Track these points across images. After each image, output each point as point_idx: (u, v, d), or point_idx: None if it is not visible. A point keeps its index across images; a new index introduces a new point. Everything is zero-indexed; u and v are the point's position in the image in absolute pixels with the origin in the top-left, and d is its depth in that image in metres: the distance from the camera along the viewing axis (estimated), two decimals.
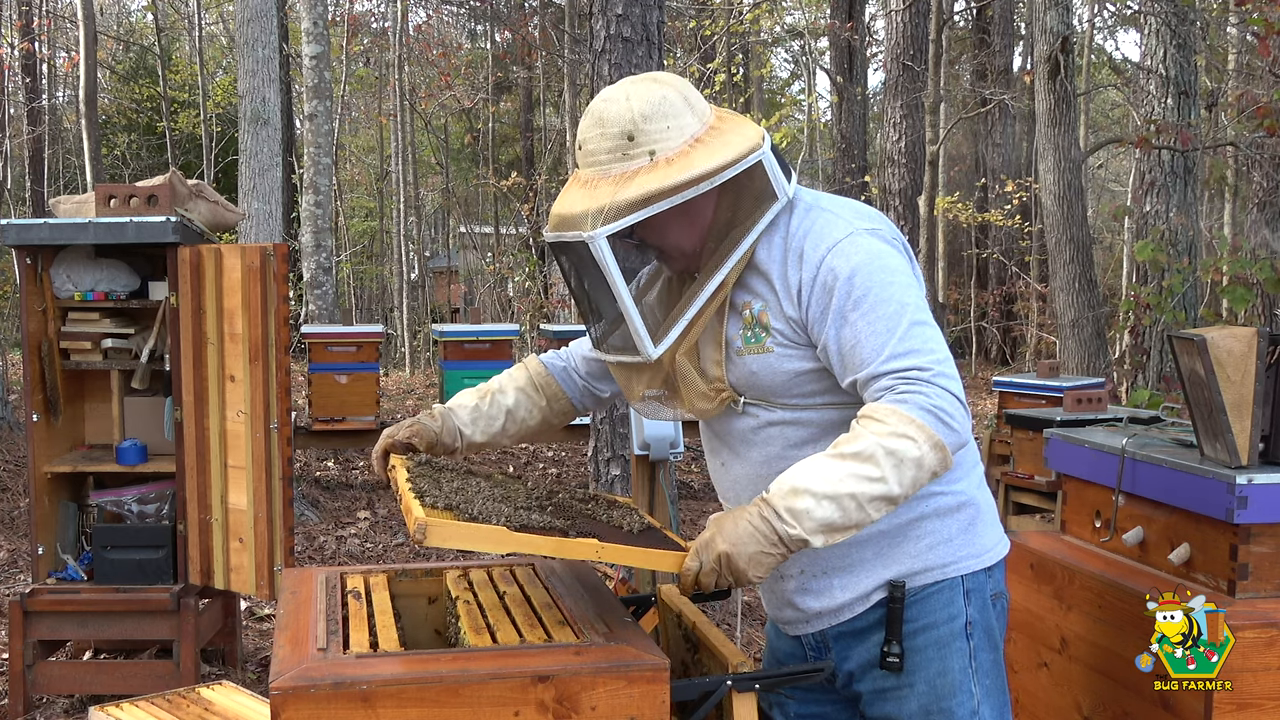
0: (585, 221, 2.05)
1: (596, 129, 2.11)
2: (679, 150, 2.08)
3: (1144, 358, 9.18)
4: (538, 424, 2.51)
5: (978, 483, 2.20)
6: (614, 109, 2.10)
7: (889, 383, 1.95)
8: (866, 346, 1.98)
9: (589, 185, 2.11)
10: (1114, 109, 25.89)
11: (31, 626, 4.39)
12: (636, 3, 5.32)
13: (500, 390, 2.48)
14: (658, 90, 2.10)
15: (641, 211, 2.03)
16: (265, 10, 7.77)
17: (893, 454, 1.90)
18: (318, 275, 10.34)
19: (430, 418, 2.42)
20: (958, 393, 1.95)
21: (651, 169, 2.06)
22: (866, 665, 2.15)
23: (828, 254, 2.04)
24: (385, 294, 24.14)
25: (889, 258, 2.04)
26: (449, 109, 22.11)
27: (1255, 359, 2.35)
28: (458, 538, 1.96)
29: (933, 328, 2.01)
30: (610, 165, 2.09)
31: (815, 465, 1.93)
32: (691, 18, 15.83)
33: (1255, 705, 2.27)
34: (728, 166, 2.06)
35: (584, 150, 2.14)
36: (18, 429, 8.62)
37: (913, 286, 2.04)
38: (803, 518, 1.90)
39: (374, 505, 7.96)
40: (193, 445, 4.40)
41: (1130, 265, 13.58)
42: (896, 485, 1.91)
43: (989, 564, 2.16)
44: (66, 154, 21.78)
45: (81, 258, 4.57)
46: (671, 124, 2.09)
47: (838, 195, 2.22)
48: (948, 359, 1.98)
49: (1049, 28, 9.87)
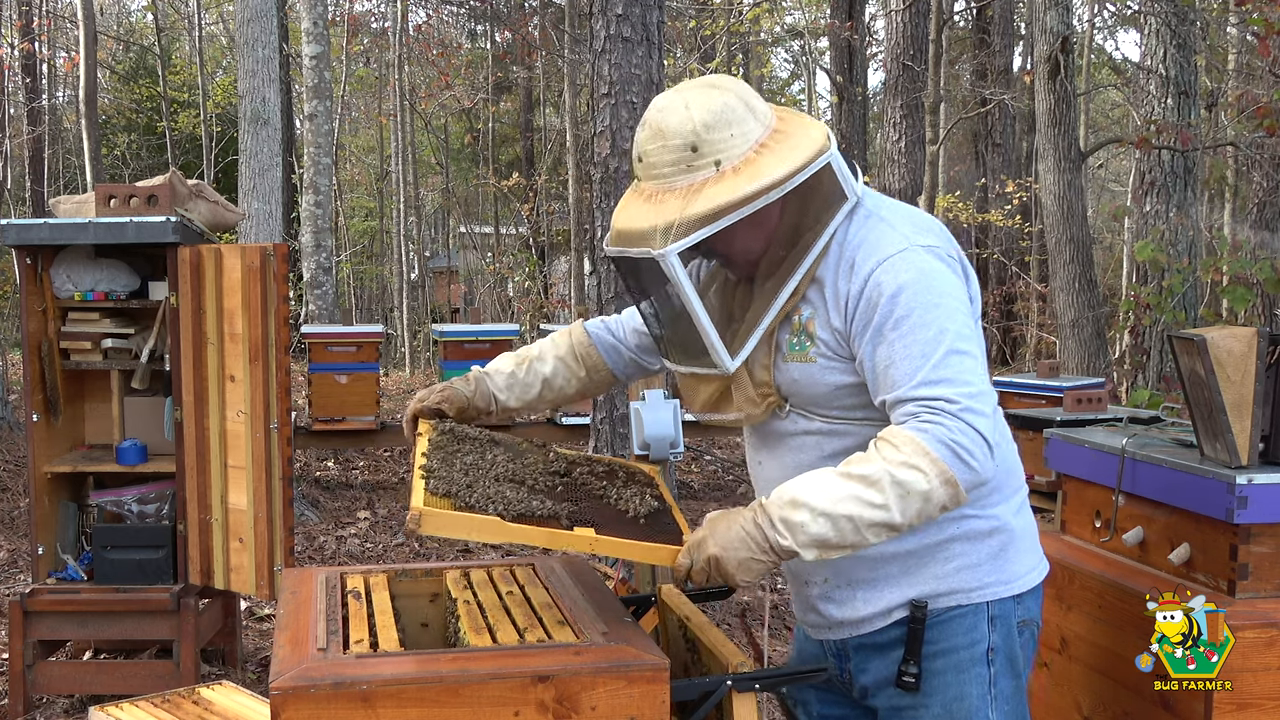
0: (654, 238, 1.99)
1: (657, 141, 2.04)
2: (745, 158, 2.02)
3: (1144, 358, 9.18)
4: (575, 393, 2.48)
5: (1016, 508, 2.15)
6: (674, 119, 2.03)
7: (914, 409, 1.91)
8: (900, 369, 1.94)
9: (653, 199, 2.05)
10: (1114, 109, 25.88)
11: (31, 626, 4.39)
12: (636, 3, 5.32)
13: (539, 358, 2.44)
14: (717, 97, 2.04)
15: (712, 226, 1.98)
16: (265, 10, 7.77)
17: (899, 484, 1.87)
18: (318, 275, 10.34)
19: (464, 382, 2.39)
20: (984, 430, 1.90)
21: (719, 180, 2.00)
22: (883, 681, 2.12)
23: (878, 268, 1.98)
24: (385, 294, 24.13)
25: (940, 278, 1.98)
26: (449, 109, 22.10)
27: (1255, 359, 2.35)
28: (452, 527, 1.96)
29: (973, 358, 1.95)
30: (675, 178, 2.03)
31: (819, 480, 1.91)
32: (691, 18, 15.82)
33: (1255, 705, 2.27)
34: (798, 172, 2.00)
35: (644, 163, 2.07)
36: (18, 429, 8.62)
37: (959, 312, 1.97)
38: (796, 530, 1.89)
39: (374, 505, 7.96)
40: (193, 445, 4.39)
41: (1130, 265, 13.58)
42: (899, 515, 1.88)
43: (1018, 591, 2.11)
44: (66, 154, 21.78)
45: (81, 258, 4.57)
46: (735, 131, 2.03)
47: (905, 206, 2.15)
48: (982, 393, 1.93)
49: (1049, 28, 9.87)
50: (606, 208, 5.40)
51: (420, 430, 2.31)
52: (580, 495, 2.18)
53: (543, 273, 19.39)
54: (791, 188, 2.00)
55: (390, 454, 9.54)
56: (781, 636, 5.54)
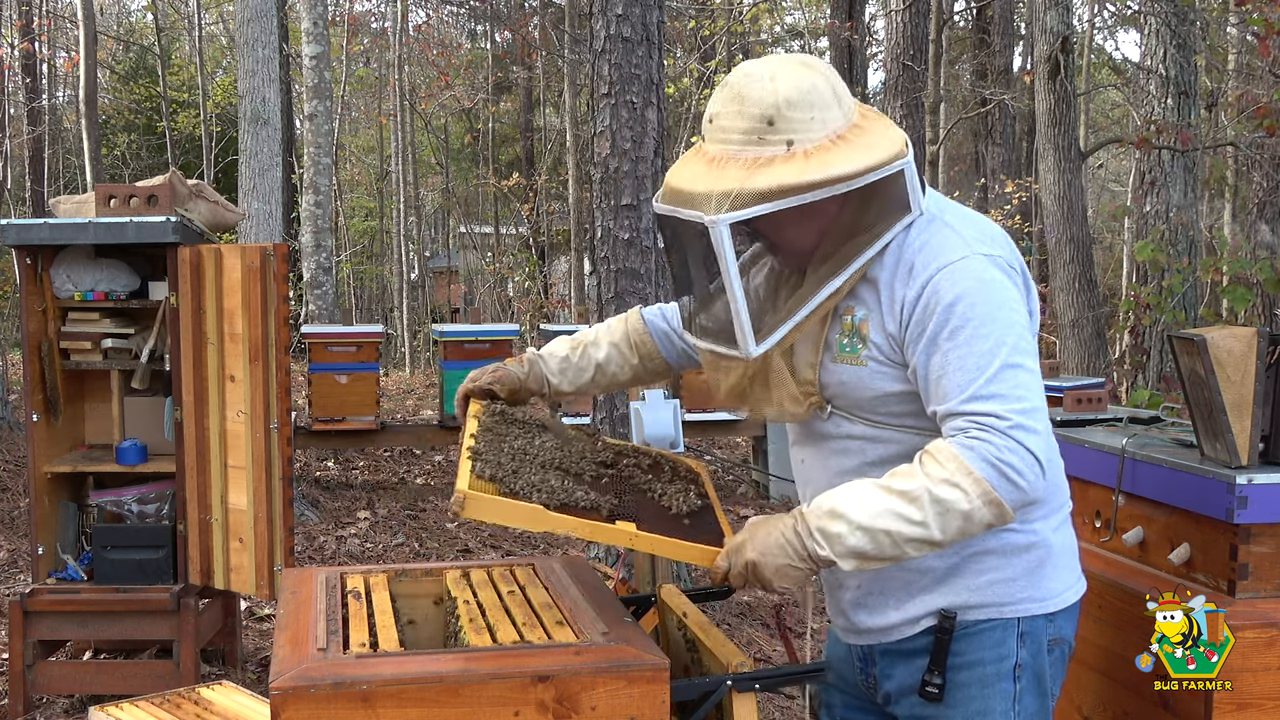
0: (709, 203, 1.92)
1: (734, 105, 1.97)
2: (818, 145, 1.95)
3: (1144, 358, 9.17)
4: (628, 379, 2.45)
5: (1057, 525, 2.10)
6: (757, 88, 1.96)
7: (963, 424, 1.88)
8: (952, 380, 1.90)
9: (715, 163, 1.98)
10: (1114, 109, 25.88)
11: (31, 626, 4.39)
12: (636, 3, 5.32)
13: (594, 343, 2.41)
14: (807, 76, 1.97)
15: (769, 204, 1.91)
16: (265, 10, 7.77)
17: (939, 502, 1.85)
18: (318, 275, 10.34)
19: (517, 364, 2.37)
20: (1035, 448, 1.86)
21: (787, 160, 1.93)
22: (907, 689, 2.10)
23: (937, 274, 1.93)
24: (385, 294, 24.13)
25: (1000, 289, 1.94)
26: (449, 109, 22.11)
27: (1255, 359, 2.35)
28: (494, 513, 1.95)
29: (1029, 372, 1.91)
30: (743, 148, 1.96)
31: (860, 492, 1.89)
32: (691, 18, 15.82)
33: (1255, 705, 2.27)
34: (868, 171, 1.94)
35: (715, 125, 2.00)
36: (18, 429, 8.62)
37: (1017, 324, 1.92)
38: (834, 541, 1.88)
39: (374, 505, 7.96)
40: (193, 445, 4.39)
41: (1130, 265, 13.58)
42: (938, 532, 1.86)
43: (1052, 610, 2.07)
44: (66, 154, 21.78)
45: (81, 258, 4.57)
46: (816, 115, 1.96)
47: (971, 212, 2.09)
48: (1036, 409, 1.88)
49: (1049, 28, 9.87)
50: (606, 208, 5.41)
51: (471, 410, 2.29)
52: (624, 488, 2.16)
53: (543, 273, 19.39)
54: (858, 186, 1.94)
55: (390, 454, 9.54)
56: None
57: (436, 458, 9.55)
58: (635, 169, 5.37)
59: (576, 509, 1.99)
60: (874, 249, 1.98)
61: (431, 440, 8.67)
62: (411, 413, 11.23)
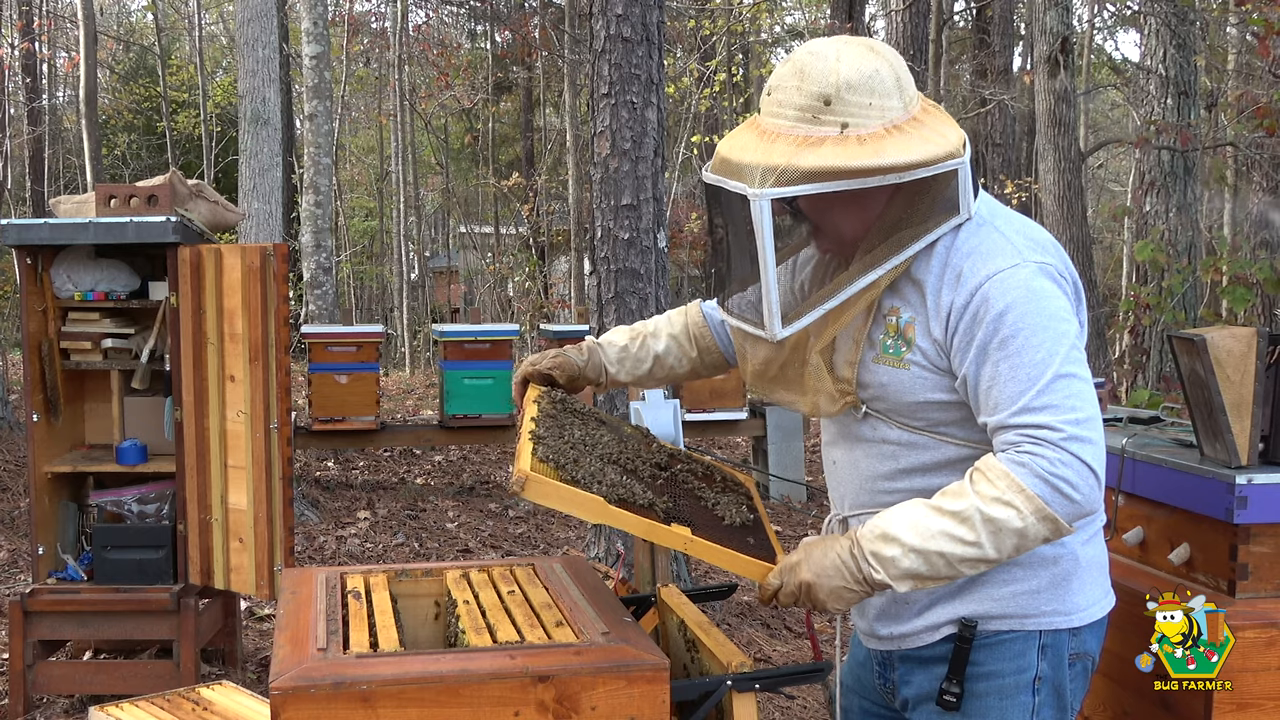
0: (754, 176, 1.89)
1: (794, 80, 1.94)
2: (873, 132, 1.91)
3: (1144, 358, 9.17)
4: (686, 373, 2.43)
5: (1087, 538, 2.06)
6: (819, 66, 1.93)
7: (1015, 438, 1.85)
8: (1004, 392, 1.86)
9: (766, 136, 1.95)
10: (1114, 109, 25.88)
11: (31, 626, 4.39)
12: (636, 3, 5.32)
13: (653, 334, 2.39)
14: (872, 61, 1.94)
15: (815, 185, 1.87)
16: (265, 10, 7.77)
17: (991, 521, 1.83)
18: (318, 275, 10.34)
19: (578, 351, 2.35)
20: (1090, 459, 1.83)
21: (840, 143, 1.89)
22: (925, 696, 2.08)
23: (986, 281, 1.89)
24: (385, 294, 24.13)
25: (1050, 299, 1.89)
26: (449, 109, 22.11)
27: (1255, 359, 2.35)
28: (555, 498, 1.95)
29: (1082, 380, 1.87)
30: (796, 124, 1.93)
31: (912, 514, 1.88)
32: (691, 18, 15.82)
33: (1255, 705, 2.27)
34: (921, 165, 1.90)
35: (772, 98, 1.97)
36: (18, 429, 8.62)
37: (1068, 334, 1.88)
38: (889, 565, 1.87)
39: (374, 505, 7.96)
40: (193, 445, 4.40)
41: (1130, 265, 13.58)
42: (993, 550, 1.85)
43: (1076, 624, 2.03)
44: (66, 154, 21.78)
45: (81, 258, 4.57)
46: (875, 102, 1.92)
47: (1024, 220, 2.04)
48: (1090, 419, 1.85)
49: (1049, 28, 9.87)
50: (606, 208, 5.41)
51: (530, 395, 2.27)
52: (679, 492, 2.16)
53: (543, 273, 19.38)
54: (907, 179, 1.90)
55: (390, 454, 9.55)
56: (782, 637, 5.54)
57: (436, 458, 9.55)
58: (635, 169, 5.37)
59: (634, 506, 1.99)
60: (917, 246, 1.94)
61: (431, 440, 8.67)
62: (411, 413, 11.23)
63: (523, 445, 2.03)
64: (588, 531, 5.60)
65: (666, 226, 5.66)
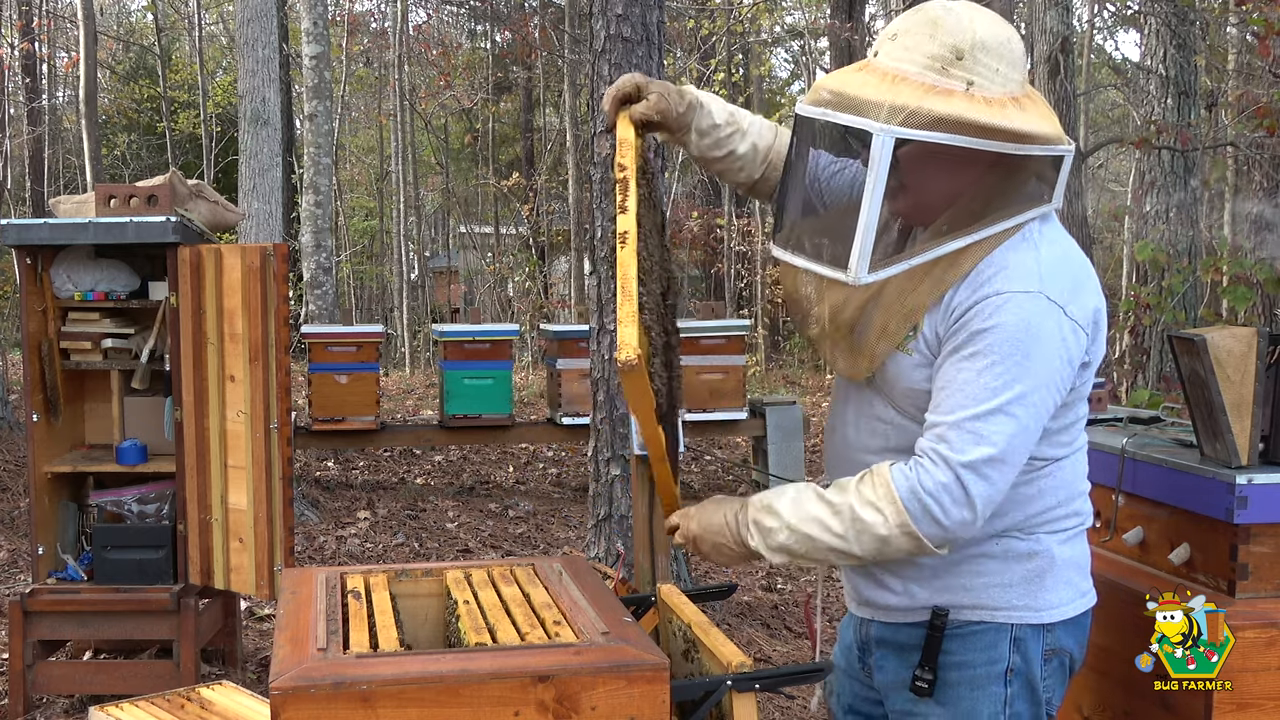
0: (881, 112, 1.87)
1: (926, 29, 1.93)
2: (996, 97, 1.91)
3: (1144, 358, 9.17)
4: (741, 180, 2.33)
5: (1066, 539, 2.07)
6: (954, 20, 1.93)
7: (927, 445, 1.92)
8: (950, 397, 1.91)
9: (889, 78, 1.92)
10: (1114, 109, 25.87)
11: (31, 626, 4.39)
12: (636, 3, 5.32)
13: (743, 132, 2.26)
14: (1005, 29, 1.95)
15: (941, 134, 1.86)
16: (265, 10, 7.77)
17: (859, 521, 1.93)
18: (318, 275, 10.34)
19: (679, 98, 2.21)
20: (975, 494, 1.87)
21: (967, 99, 1.89)
22: (898, 684, 2.11)
23: (994, 296, 1.90)
24: (385, 294, 24.12)
25: (1044, 341, 1.89)
26: (449, 109, 22.10)
27: (1255, 359, 2.35)
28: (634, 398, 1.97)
29: (1020, 425, 1.88)
30: (924, 71, 1.91)
31: (799, 494, 2.00)
32: (691, 18, 15.83)
33: (1255, 705, 2.27)
34: (1042, 141, 1.91)
35: (898, 42, 1.95)
36: (18, 429, 8.62)
37: (1037, 379, 1.88)
38: (766, 535, 2.01)
39: (374, 505, 7.96)
40: (193, 445, 4.40)
41: (1130, 265, 13.57)
42: (857, 548, 1.95)
43: (1048, 621, 2.05)
44: (66, 154, 21.78)
45: (81, 258, 4.57)
46: (1002, 69, 1.92)
47: (1072, 252, 2.01)
48: (1000, 462, 1.88)
49: (1049, 28, 9.87)
50: (606, 207, 5.40)
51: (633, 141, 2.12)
52: (672, 376, 2.27)
53: (543, 273, 19.38)
54: (1026, 151, 1.91)
55: (390, 454, 9.55)
56: (782, 637, 5.54)
57: (436, 458, 9.55)
58: None
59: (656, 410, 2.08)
60: (1006, 224, 1.93)
61: (431, 440, 8.67)
62: (411, 413, 11.23)
63: (628, 311, 1.90)
64: (588, 532, 5.60)
65: (666, 226, 5.65)
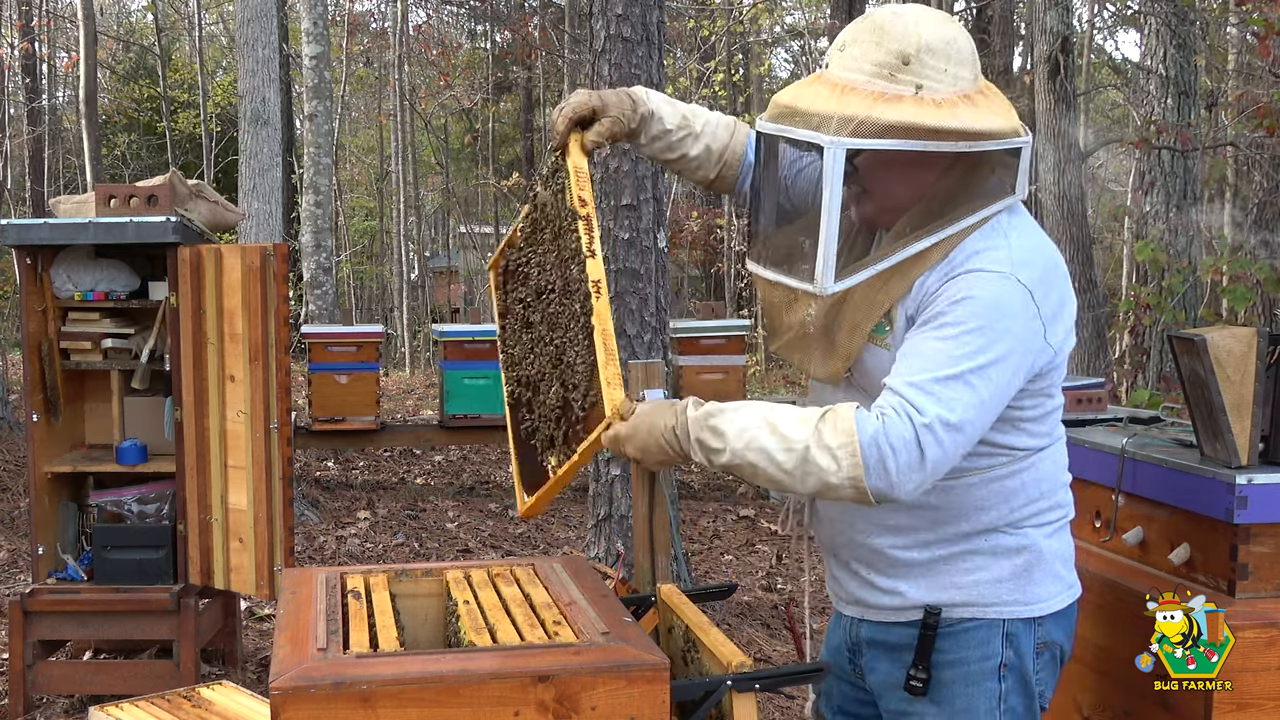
0: (830, 124, 1.89)
1: (873, 36, 1.94)
2: (946, 98, 1.92)
3: (1144, 358, 9.17)
4: (699, 179, 2.34)
5: (1051, 532, 2.09)
6: (900, 25, 1.94)
7: (889, 400, 1.87)
8: (913, 363, 1.88)
9: (838, 90, 1.94)
10: (1114, 109, 25.87)
11: (31, 626, 4.39)
12: (636, 3, 5.32)
13: (695, 135, 2.27)
14: (950, 29, 1.96)
15: (891, 141, 1.88)
16: (265, 10, 7.77)
17: (809, 463, 1.86)
18: (318, 275, 10.34)
19: (632, 112, 2.21)
20: (930, 453, 1.84)
21: (916, 103, 1.90)
22: (892, 684, 2.11)
23: (965, 274, 1.91)
24: (385, 294, 24.13)
25: (1011, 320, 1.90)
26: (449, 109, 22.11)
27: (1255, 359, 2.35)
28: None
29: (978, 396, 1.87)
30: (872, 80, 1.93)
31: (747, 419, 1.91)
32: (691, 18, 15.83)
33: (1255, 705, 2.27)
34: (995, 136, 1.92)
35: (846, 52, 1.97)
36: (18, 429, 8.62)
37: (1000, 353, 1.88)
38: (709, 453, 1.93)
39: (374, 505, 7.96)
40: (193, 445, 4.40)
41: (1130, 265, 13.57)
42: (799, 485, 1.90)
43: (1039, 614, 2.07)
44: (66, 154, 21.78)
45: (81, 258, 4.57)
46: (950, 69, 1.93)
47: (1043, 243, 2.03)
48: (958, 427, 1.85)
49: (1049, 28, 9.87)
50: (606, 208, 5.40)
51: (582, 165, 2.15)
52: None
53: None
54: (980, 148, 1.92)
55: (390, 454, 9.55)
56: (782, 637, 5.54)
57: (436, 458, 9.55)
58: (635, 168, 5.37)
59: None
60: (971, 220, 1.94)
61: (431, 440, 8.67)
62: (411, 413, 11.23)
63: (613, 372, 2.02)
64: (588, 532, 5.60)
65: (666, 226, 5.66)
